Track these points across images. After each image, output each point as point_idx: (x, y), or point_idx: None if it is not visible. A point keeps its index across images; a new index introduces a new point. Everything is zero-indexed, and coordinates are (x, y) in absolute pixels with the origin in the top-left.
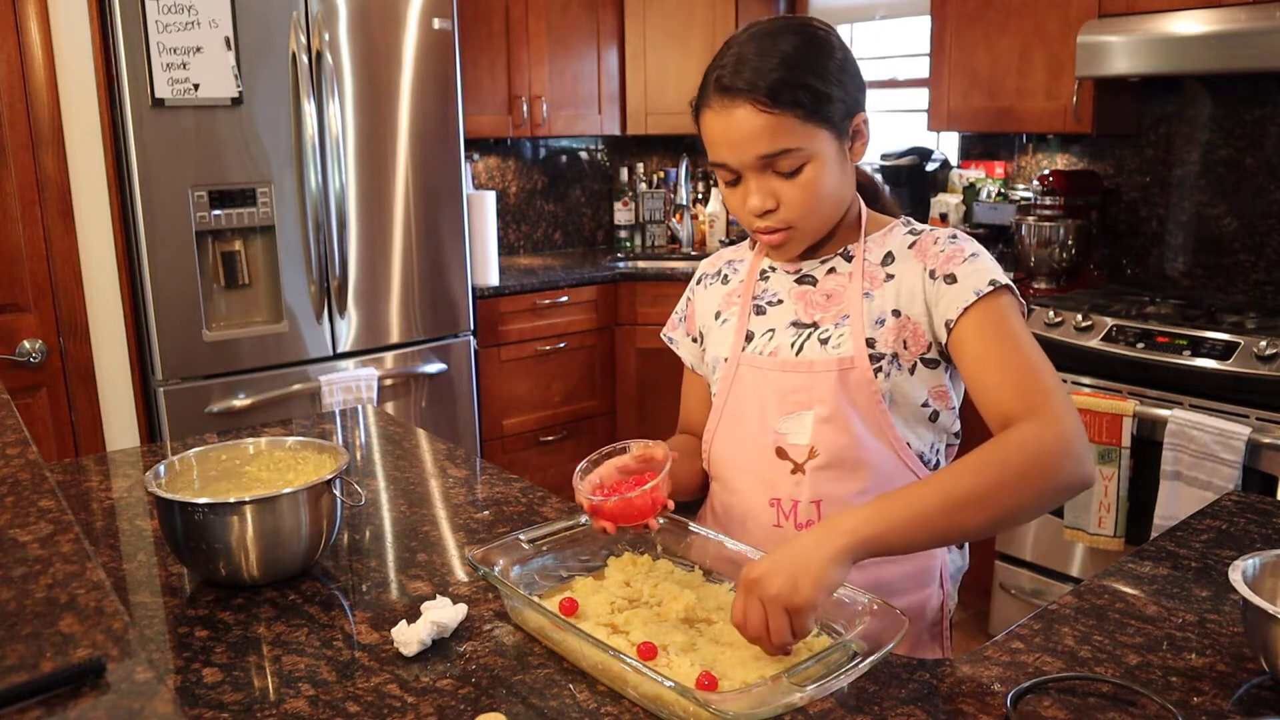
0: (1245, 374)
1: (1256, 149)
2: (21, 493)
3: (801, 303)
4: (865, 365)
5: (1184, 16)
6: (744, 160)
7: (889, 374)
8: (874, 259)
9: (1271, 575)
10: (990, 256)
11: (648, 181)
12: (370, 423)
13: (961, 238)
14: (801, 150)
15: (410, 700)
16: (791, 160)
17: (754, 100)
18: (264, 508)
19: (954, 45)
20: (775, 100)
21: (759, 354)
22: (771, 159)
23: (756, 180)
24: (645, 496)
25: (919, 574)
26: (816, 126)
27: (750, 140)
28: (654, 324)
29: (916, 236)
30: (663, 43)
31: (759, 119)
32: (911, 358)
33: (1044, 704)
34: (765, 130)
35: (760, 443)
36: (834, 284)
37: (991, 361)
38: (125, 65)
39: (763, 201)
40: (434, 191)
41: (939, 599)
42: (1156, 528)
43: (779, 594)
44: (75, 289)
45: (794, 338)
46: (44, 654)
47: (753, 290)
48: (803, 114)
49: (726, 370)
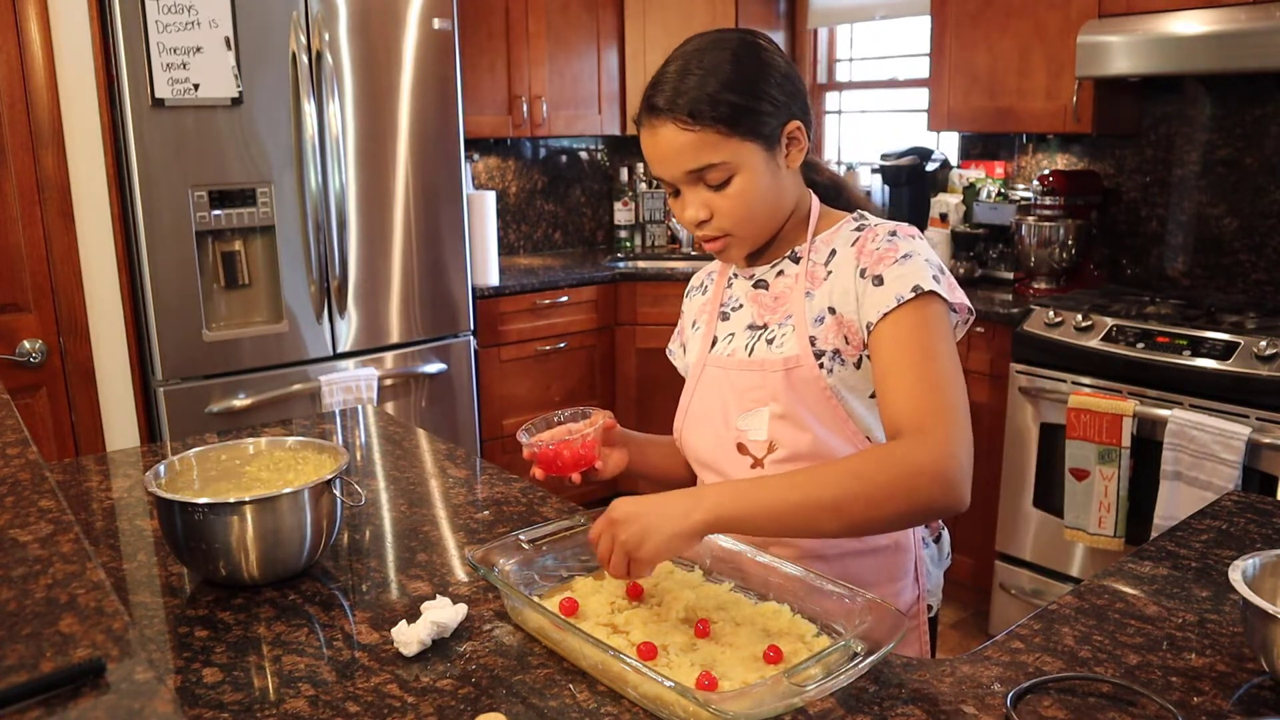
0: (1245, 374)
1: (1256, 149)
2: (21, 493)
3: (756, 306)
4: (810, 363)
5: (1184, 16)
6: (674, 175)
7: (832, 370)
8: (819, 258)
9: (1271, 575)
10: (928, 257)
11: (648, 181)
12: (370, 423)
13: (900, 236)
14: (726, 164)
15: (410, 700)
16: (718, 173)
17: (675, 119)
18: (264, 508)
19: (954, 45)
20: (695, 118)
21: (721, 355)
22: (699, 173)
23: (690, 193)
24: (574, 451)
25: (888, 567)
26: (741, 140)
27: (675, 157)
28: (654, 324)
29: (860, 233)
30: (663, 43)
31: (681, 136)
32: (854, 352)
33: (1044, 704)
34: (688, 147)
35: (723, 439)
36: (783, 286)
37: (895, 372)
38: (125, 65)
39: (696, 212)
40: (434, 191)
41: (913, 593)
42: (1156, 528)
43: (626, 541)
44: (75, 289)
45: (748, 340)
46: (44, 654)
47: (720, 298)
48: (725, 129)
49: (694, 370)
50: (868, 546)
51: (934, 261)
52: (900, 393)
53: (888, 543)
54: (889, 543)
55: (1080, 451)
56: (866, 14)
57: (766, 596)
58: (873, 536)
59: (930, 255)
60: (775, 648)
